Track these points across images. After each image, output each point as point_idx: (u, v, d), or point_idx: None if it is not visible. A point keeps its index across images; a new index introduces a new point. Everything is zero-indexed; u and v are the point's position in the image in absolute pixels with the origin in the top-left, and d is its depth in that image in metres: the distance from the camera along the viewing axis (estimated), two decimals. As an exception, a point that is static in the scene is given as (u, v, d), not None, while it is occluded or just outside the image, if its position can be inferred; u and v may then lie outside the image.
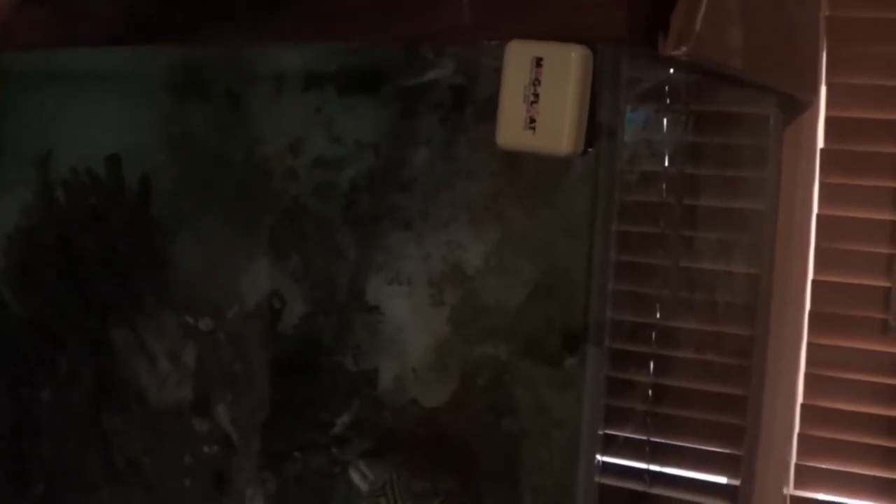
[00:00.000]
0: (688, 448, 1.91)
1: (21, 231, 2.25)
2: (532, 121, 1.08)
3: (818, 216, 1.82)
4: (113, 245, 2.16)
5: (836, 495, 1.87)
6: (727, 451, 1.89)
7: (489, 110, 1.10)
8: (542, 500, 1.83)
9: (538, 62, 1.08)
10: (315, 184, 1.97)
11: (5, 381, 2.27)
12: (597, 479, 1.82)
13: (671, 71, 1.84)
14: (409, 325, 1.92)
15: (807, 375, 1.86)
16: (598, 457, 1.88)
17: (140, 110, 2.13)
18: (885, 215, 1.78)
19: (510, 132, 1.09)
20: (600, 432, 1.89)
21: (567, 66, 1.07)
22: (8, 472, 2.29)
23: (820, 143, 1.81)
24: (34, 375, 2.27)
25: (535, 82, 1.08)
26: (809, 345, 1.85)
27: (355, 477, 1.93)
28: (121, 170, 2.14)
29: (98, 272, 2.18)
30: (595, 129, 1.10)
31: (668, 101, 1.86)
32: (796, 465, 1.88)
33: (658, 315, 1.90)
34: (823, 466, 1.87)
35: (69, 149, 2.19)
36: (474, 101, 1.82)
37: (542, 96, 1.08)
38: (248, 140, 2.03)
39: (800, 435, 1.87)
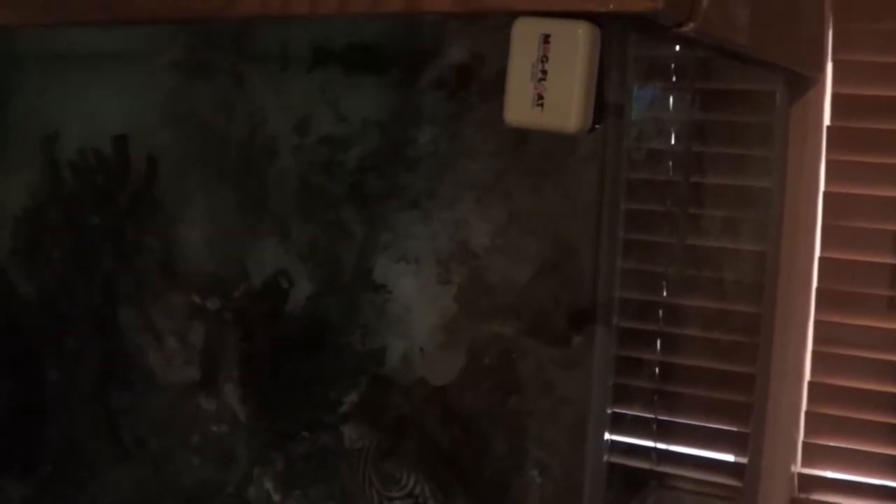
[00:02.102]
0: (695, 426, 1.91)
1: (28, 212, 2.25)
2: (540, 98, 1.08)
3: (825, 193, 1.81)
4: (120, 225, 2.16)
5: (843, 473, 1.87)
6: (734, 429, 1.89)
7: (496, 88, 1.10)
8: (549, 477, 1.83)
9: (546, 39, 1.08)
10: (321, 163, 1.97)
11: (12, 360, 2.27)
12: (605, 457, 1.82)
13: (677, 49, 1.84)
14: (417, 304, 1.91)
15: (814, 353, 1.86)
16: (607, 435, 1.88)
17: (146, 90, 2.13)
18: (893, 192, 1.78)
19: (518, 109, 1.09)
20: (608, 411, 1.89)
21: (575, 42, 1.07)
22: (15, 452, 2.29)
23: (826, 121, 1.80)
24: (41, 355, 2.27)
25: (543, 59, 1.08)
26: (816, 322, 1.85)
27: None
28: (127, 149, 2.14)
29: (105, 252, 2.18)
30: (603, 107, 1.09)
31: (674, 78, 1.85)
32: (804, 442, 1.87)
33: (665, 293, 1.90)
34: (831, 444, 1.87)
35: (75, 129, 2.19)
36: (481, 80, 1.82)
37: (550, 73, 1.07)
38: (254, 119, 2.02)
39: (807, 412, 1.87)
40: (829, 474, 1.88)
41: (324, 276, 1.98)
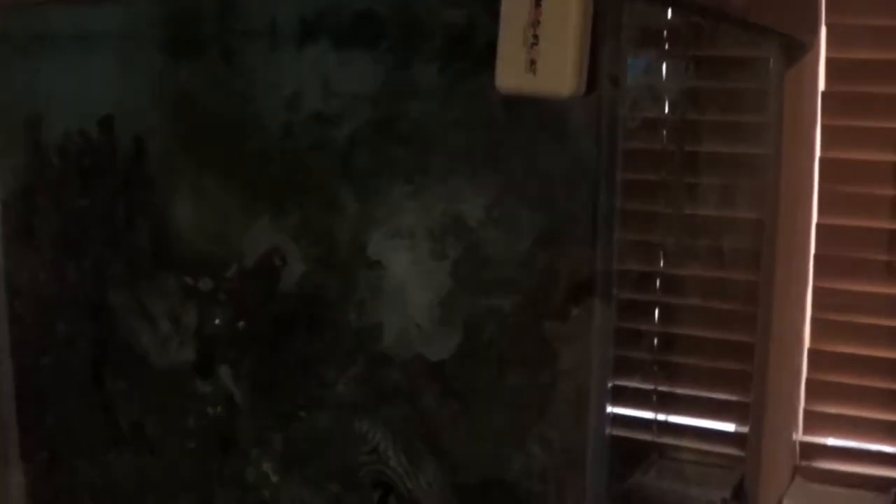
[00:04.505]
0: (695, 396, 1.91)
1: (16, 197, 2.22)
2: (532, 63, 1.06)
3: (821, 159, 1.81)
4: (109, 207, 2.14)
5: (845, 439, 1.87)
6: (735, 398, 1.88)
7: (488, 58, 1.08)
8: (550, 451, 1.81)
9: (537, 3, 1.06)
10: (312, 139, 1.94)
11: (4, 348, 2.26)
12: (608, 430, 1.81)
13: (670, 15, 1.82)
14: (412, 280, 1.90)
15: (813, 320, 1.85)
16: (609, 407, 1.87)
17: (132, 70, 2.10)
18: (889, 156, 1.77)
19: (510, 75, 1.07)
20: (610, 384, 1.88)
21: (566, 5, 1.05)
22: (11, 440, 2.28)
23: (821, 86, 1.79)
24: (33, 341, 2.26)
25: (535, 23, 1.06)
26: (815, 289, 1.85)
27: None
28: (114, 131, 2.11)
29: (94, 235, 2.16)
30: (597, 71, 1.08)
31: (667, 46, 1.84)
32: (805, 410, 1.87)
33: (662, 263, 1.89)
34: (832, 411, 1.86)
35: (61, 112, 2.16)
36: (472, 50, 1.80)
37: (543, 38, 1.06)
38: (244, 97, 2.00)
39: (808, 380, 1.87)
40: (831, 441, 1.88)
41: (317, 254, 1.97)
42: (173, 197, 2.08)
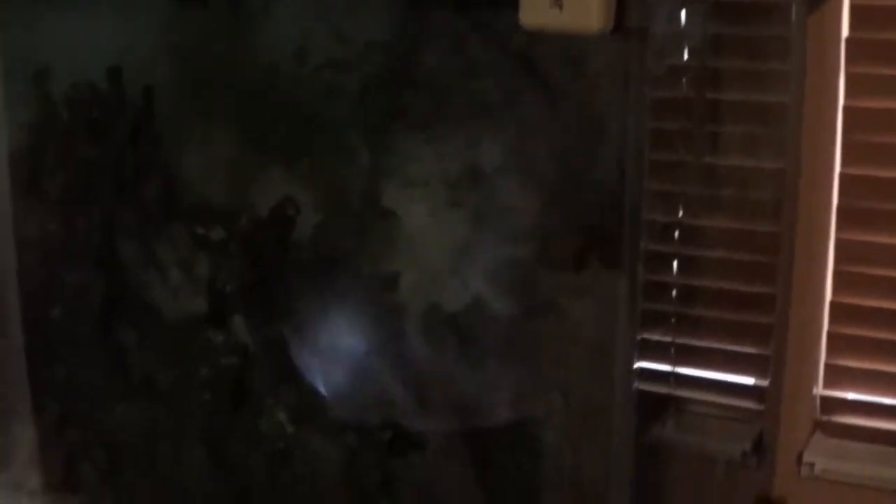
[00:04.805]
0: (715, 349, 1.88)
1: (23, 150, 2.20)
2: (558, -2, 1.03)
3: (844, 107, 1.77)
4: (118, 158, 2.12)
5: (865, 394, 1.84)
6: (755, 350, 1.86)
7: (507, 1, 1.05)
8: (572, 402, 1.79)
9: (563, -66, 1.03)
10: (324, 87, 1.92)
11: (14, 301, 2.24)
12: (634, 384, 1.78)
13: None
14: (427, 229, 1.88)
15: (835, 272, 1.82)
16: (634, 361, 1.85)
17: (140, 20, 2.08)
18: (914, 104, 1.74)
19: (535, 11, 1.05)
20: (637, 336, 1.85)
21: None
22: (22, 393, 2.27)
23: (845, 32, 1.76)
24: (43, 294, 2.24)
25: (561, -44, 1.03)
26: (837, 240, 1.82)
27: None
28: (122, 81, 2.09)
29: (104, 187, 2.14)
30: (624, 8, 1.05)
31: (688, -9, 1.81)
32: (826, 363, 1.85)
33: (681, 213, 1.86)
34: (853, 365, 1.84)
35: (69, 63, 2.14)
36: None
37: (569, -29, 1.03)
38: (253, 45, 1.98)
39: (829, 333, 1.84)
40: (852, 396, 1.85)
41: (331, 204, 1.95)
42: (183, 147, 2.06)
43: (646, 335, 1.89)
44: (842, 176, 1.79)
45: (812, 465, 1.82)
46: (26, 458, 2.27)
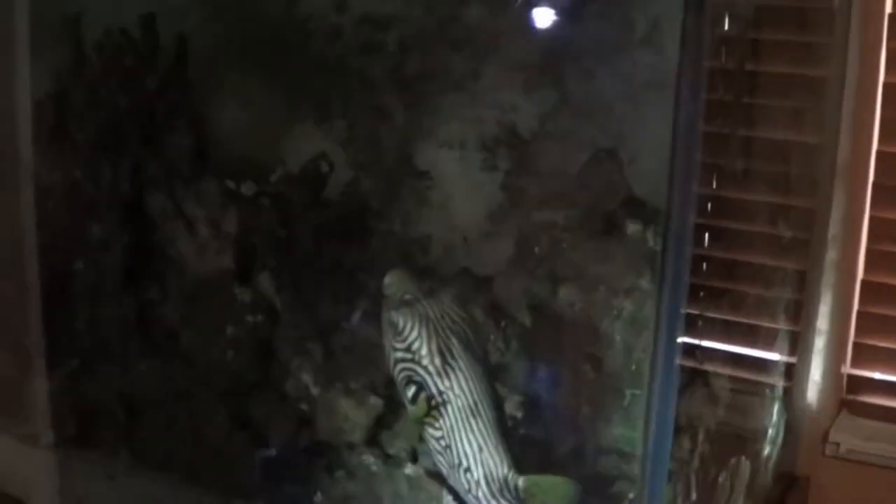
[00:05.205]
0: (742, 324, 1.86)
1: (51, 96, 2.16)
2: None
3: (884, 84, 1.75)
4: (149, 108, 2.09)
5: (893, 374, 1.83)
6: (783, 327, 1.84)
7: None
8: (603, 371, 1.77)
9: None
10: (361, 43, 1.90)
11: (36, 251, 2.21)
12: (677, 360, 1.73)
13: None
14: (461, 191, 1.86)
15: (868, 251, 1.80)
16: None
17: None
18: (955, 80, 1.71)
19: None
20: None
21: None
22: (41, 345, 2.24)
23: (888, 8, 1.73)
24: (65, 245, 2.21)
25: None
26: (872, 219, 1.79)
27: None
28: (156, 29, 2.06)
29: (133, 136, 2.11)
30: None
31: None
32: (854, 342, 1.83)
33: (714, 185, 1.83)
34: (882, 345, 1.82)
35: (101, 9, 2.10)
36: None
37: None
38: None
39: (859, 312, 1.82)
40: (879, 375, 1.83)
41: (363, 162, 1.93)
42: (215, 98, 2.03)
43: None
44: (879, 153, 1.77)
45: (837, 444, 1.80)
46: (43, 411, 2.25)
